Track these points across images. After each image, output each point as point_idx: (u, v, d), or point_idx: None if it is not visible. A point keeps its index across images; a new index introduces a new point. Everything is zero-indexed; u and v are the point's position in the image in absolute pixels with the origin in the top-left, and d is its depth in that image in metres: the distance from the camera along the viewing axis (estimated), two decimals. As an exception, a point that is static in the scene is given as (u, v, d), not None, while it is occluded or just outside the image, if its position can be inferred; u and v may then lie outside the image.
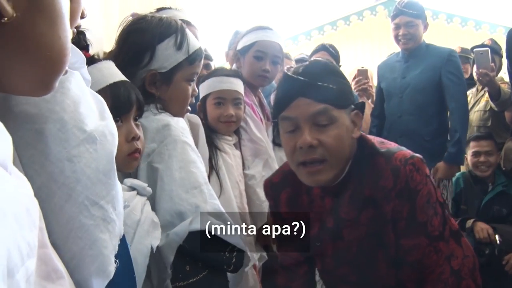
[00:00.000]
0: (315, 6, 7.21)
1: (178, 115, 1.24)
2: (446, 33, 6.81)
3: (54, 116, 0.65)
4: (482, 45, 3.08)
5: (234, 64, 1.96)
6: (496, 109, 2.77)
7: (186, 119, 1.38)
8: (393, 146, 1.22)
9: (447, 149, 2.49)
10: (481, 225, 2.43)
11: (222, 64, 2.85)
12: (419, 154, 1.19)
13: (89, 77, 0.81)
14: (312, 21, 7.25)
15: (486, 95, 2.82)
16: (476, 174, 2.62)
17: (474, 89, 3.05)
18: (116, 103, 1.03)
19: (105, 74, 1.06)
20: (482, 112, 2.93)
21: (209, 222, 1.08)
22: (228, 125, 1.68)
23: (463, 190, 2.66)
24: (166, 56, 1.20)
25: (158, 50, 1.19)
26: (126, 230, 0.91)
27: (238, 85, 1.70)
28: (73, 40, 0.70)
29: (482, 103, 2.94)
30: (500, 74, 3.12)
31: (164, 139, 1.12)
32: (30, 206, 0.45)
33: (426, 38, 2.70)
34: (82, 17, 0.77)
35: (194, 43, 1.26)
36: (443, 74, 2.50)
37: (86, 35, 1.03)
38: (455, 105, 2.48)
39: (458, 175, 2.68)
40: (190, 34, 1.27)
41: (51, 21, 0.53)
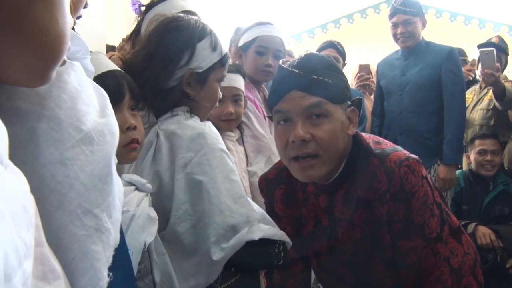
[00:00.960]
0: (319, 4, 7.19)
1: (205, 117, 1.23)
2: (450, 31, 6.78)
3: (48, 113, 0.59)
4: (488, 43, 3.06)
5: (237, 61, 1.95)
6: (500, 108, 2.76)
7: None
8: (388, 146, 1.19)
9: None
10: (483, 229, 2.38)
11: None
12: (417, 152, 1.17)
13: (92, 68, 0.76)
14: (315, 19, 7.23)
15: (489, 94, 2.81)
16: (479, 173, 2.59)
17: (477, 86, 3.03)
18: None
19: (93, 66, 1.02)
20: (485, 110, 2.91)
21: (263, 229, 1.09)
22: (228, 123, 1.66)
23: (464, 189, 2.63)
24: (203, 56, 1.18)
25: (197, 49, 1.18)
26: None
27: (237, 80, 1.67)
28: (72, 29, 0.65)
29: (485, 102, 2.92)
30: (504, 72, 3.11)
31: (201, 148, 1.09)
32: (26, 203, 0.43)
33: (430, 37, 2.68)
34: (84, 6, 0.73)
35: (224, 46, 1.25)
36: (443, 72, 2.49)
37: (74, 29, 1.01)
38: (452, 103, 2.47)
39: (457, 174, 2.64)
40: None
41: (49, 2, 0.49)
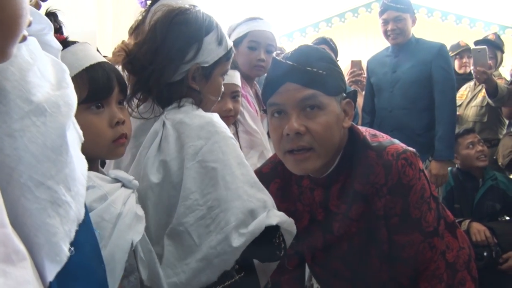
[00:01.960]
0: (310, 3, 7.19)
1: (209, 110, 1.21)
2: (441, 30, 6.82)
3: None
4: (485, 40, 3.10)
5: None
6: (493, 105, 2.77)
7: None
8: (385, 139, 1.18)
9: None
10: (477, 226, 2.38)
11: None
12: (412, 148, 1.16)
13: (58, 45, 0.74)
14: (307, 18, 7.23)
15: (483, 90, 2.82)
16: (474, 166, 2.57)
17: (472, 83, 3.05)
18: (94, 87, 0.97)
19: (80, 57, 0.98)
20: (478, 107, 2.93)
21: (278, 215, 1.08)
22: (226, 119, 1.65)
23: (454, 188, 2.63)
24: (210, 50, 1.16)
25: (204, 43, 1.15)
26: (103, 225, 0.87)
27: (235, 77, 1.67)
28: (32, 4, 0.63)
29: (479, 98, 2.94)
30: (499, 70, 3.14)
31: (211, 136, 1.07)
32: None
33: (421, 35, 2.69)
34: None
35: (229, 39, 1.23)
36: (434, 68, 2.50)
37: (58, 16, 0.97)
38: (443, 99, 2.47)
39: None
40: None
41: None
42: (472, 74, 2.89)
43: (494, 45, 3.03)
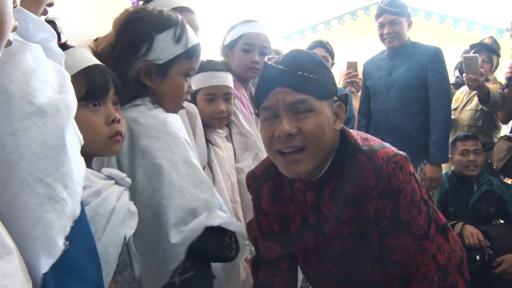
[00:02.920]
0: (309, 5, 7.21)
1: (172, 111, 1.22)
2: (439, 34, 6.84)
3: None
4: (481, 44, 3.12)
5: (223, 59, 1.95)
6: (486, 110, 2.78)
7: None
8: (376, 143, 1.18)
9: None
10: (470, 229, 2.37)
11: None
12: (404, 151, 1.16)
13: (60, 51, 0.78)
14: (306, 20, 7.25)
15: (478, 95, 2.84)
16: (463, 174, 2.60)
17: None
18: (92, 87, 1.02)
19: (78, 58, 1.04)
20: (473, 111, 2.94)
21: (221, 217, 1.11)
22: (219, 120, 1.68)
23: (449, 191, 2.63)
24: (164, 47, 1.18)
25: (156, 40, 1.18)
26: (97, 219, 0.91)
27: (228, 79, 1.69)
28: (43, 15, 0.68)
29: (474, 102, 2.95)
30: (494, 74, 3.14)
31: (162, 135, 1.10)
32: None
33: (419, 39, 2.71)
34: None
35: (193, 38, 1.24)
36: (429, 72, 2.51)
37: (57, 24, 1.02)
38: (437, 103, 2.49)
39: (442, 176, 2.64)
40: (190, 29, 1.25)
41: None
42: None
43: (490, 49, 3.04)
